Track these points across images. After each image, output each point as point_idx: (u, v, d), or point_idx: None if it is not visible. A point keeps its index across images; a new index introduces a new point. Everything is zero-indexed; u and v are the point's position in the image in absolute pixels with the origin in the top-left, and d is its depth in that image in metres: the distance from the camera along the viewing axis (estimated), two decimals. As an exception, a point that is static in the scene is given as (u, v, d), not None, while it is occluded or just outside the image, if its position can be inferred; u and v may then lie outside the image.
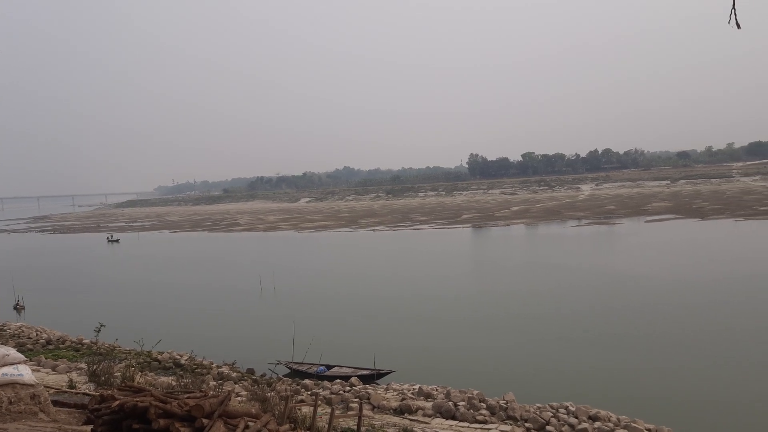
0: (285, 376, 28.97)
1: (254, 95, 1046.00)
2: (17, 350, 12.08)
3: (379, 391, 23.33)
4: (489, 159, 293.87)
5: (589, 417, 20.21)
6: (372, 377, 28.18)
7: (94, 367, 17.02)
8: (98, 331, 21.36)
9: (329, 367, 30.17)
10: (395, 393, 23.36)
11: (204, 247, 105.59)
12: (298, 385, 24.56)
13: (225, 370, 27.92)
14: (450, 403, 20.65)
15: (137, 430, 8.45)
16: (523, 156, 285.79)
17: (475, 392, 21.99)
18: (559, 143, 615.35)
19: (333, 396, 22.19)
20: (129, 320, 42.55)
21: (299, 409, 14.01)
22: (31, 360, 22.15)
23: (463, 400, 21.10)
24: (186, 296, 55.18)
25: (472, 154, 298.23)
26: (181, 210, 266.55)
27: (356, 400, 21.12)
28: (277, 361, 31.35)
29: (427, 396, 22.65)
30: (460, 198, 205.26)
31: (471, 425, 19.15)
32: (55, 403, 11.94)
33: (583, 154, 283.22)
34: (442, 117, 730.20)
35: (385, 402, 21.36)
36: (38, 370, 21.91)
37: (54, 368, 23.06)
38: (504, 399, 21.26)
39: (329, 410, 13.07)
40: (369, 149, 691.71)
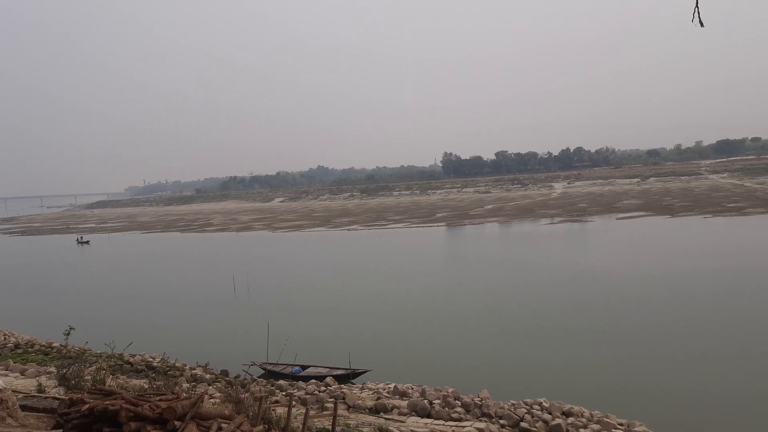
0: (259, 377, 28.80)
1: (228, 92, 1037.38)
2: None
3: (354, 391, 23.30)
4: (463, 158, 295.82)
5: (563, 413, 20.40)
6: (347, 377, 28.14)
7: (64, 371, 16.73)
8: (68, 334, 21.02)
9: (304, 367, 30.05)
10: (370, 392, 23.34)
11: (176, 248, 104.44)
12: (272, 385, 24.42)
13: (198, 371, 27.63)
14: (425, 401, 20.68)
15: (108, 434, 8.33)
16: (497, 155, 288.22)
17: (450, 390, 22.06)
18: (532, 142, 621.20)
19: (308, 396, 22.10)
20: (100, 323, 41.91)
21: (274, 410, 13.91)
22: (-2, 364, 21.73)
23: (438, 399, 21.15)
24: (158, 298, 54.50)
25: (446, 153, 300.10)
26: (153, 210, 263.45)
27: (331, 400, 21.07)
28: (252, 362, 31.13)
29: (403, 395, 22.68)
30: (435, 197, 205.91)
31: (446, 423, 19.20)
32: (24, 407, 11.72)
33: (555, 152, 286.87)
34: (416, 111, 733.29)
35: (360, 401, 21.33)
36: (6, 375, 21.51)
37: (22, 372, 22.64)
38: (479, 396, 21.37)
39: (304, 410, 13.00)
40: (343, 148, 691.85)
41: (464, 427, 18.67)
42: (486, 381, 25.15)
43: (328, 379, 25.56)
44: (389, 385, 24.27)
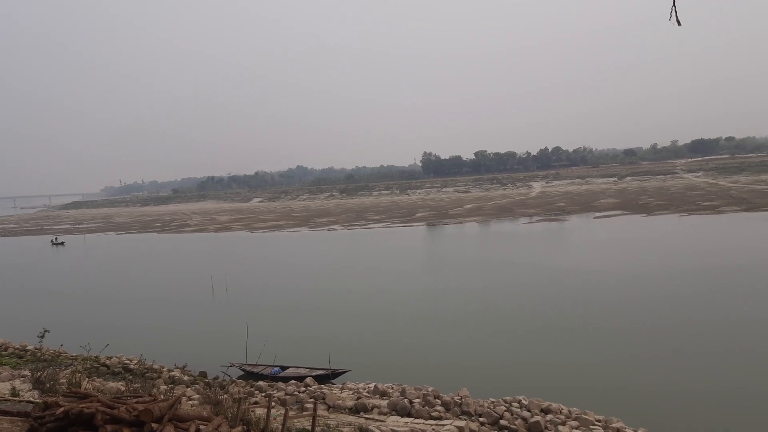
0: (238, 378, 28.61)
1: (206, 91, 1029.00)
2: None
3: (334, 391, 23.23)
4: (442, 157, 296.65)
5: (542, 410, 20.56)
6: (327, 377, 28.06)
7: (39, 374, 16.51)
8: (42, 337, 20.72)
9: (284, 368, 29.90)
10: (350, 392, 23.29)
11: (154, 249, 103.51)
12: (251, 387, 24.27)
13: (176, 373, 27.38)
14: (405, 400, 20.68)
15: (83, 437, 8.20)
16: (476, 154, 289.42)
17: (430, 389, 22.10)
18: (511, 142, 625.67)
19: (287, 397, 21.99)
20: (75, 325, 41.39)
21: (253, 411, 13.81)
22: (-29, 368, 21.33)
23: (418, 397, 21.17)
24: (135, 299, 53.91)
25: (425, 153, 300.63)
26: (129, 211, 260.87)
27: (311, 400, 20.97)
28: (230, 364, 30.92)
29: (383, 394, 22.66)
30: (414, 196, 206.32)
31: (426, 422, 19.21)
32: (-3, 411, 11.51)
33: (534, 152, 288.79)
34: (396, 111, 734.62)
35: (340, 401, 21.26)
36: (-21, 379, 21.10)
37: (-4, 376, 22.24)
38: (458, 395, 21.43)
39: (283, 411, 12.92)
40: (322, 148, 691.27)
41: (444, 425, 18.68)
42: (466, 379, 25.24)
43: (308, 380, 25.47)
44: (369, 385, 24.24)
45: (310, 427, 13.75)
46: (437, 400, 20.89)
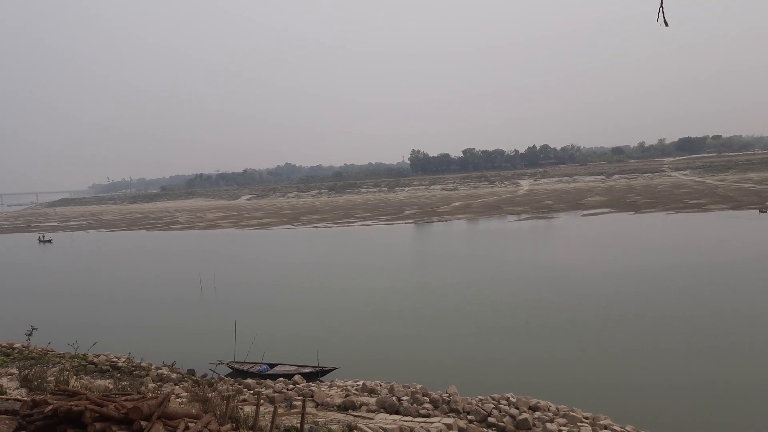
0: (227, 376, 28.60)
1: (194, 89, 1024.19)
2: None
3: (322, 389, 23.29)
4: (430, 155, 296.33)
5: (530, 407, 20.69)
6: (315, 374, 28.11)
7: (26, 372, 16.44)
8: (30, 335, 20.68)
9: (272, 365, 29.92)
10: (339, 390, 23.35)
11: (142, 247, 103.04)
12: (240, 384, 24.27)
13: (165, 371, 27.32)
14: (393, 397, 20.77)
15: (72, 435, 8.22)
16: (464, 152, 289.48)
17: (419, 386, 22.19)
18: (499, 139, 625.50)
19: (276, 395, 22.02)
20: (63, 323, 41.17)
21: (241, 409, 13.84)
22: (-43, 366, 21.20)
23: (406, 395, 21.26)
24: (123, 297, 53.68)
25: (413, 150, 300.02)
26: (117, 208, 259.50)
27: (300, 398, 21.00)
28: (219, 361, 30.90)
29: (371, 392, 22.73)
30: (403, 194, 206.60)
31: (414, 419, 19.30)
32: (-16, 410, 11.47)
33: (522, 150, 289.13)
34: (384, 108, 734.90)
35: (329, 399, 21.32)
36: (-35, 377, 20.99)
37: (-18, 374, 22.13)
38: (447, 392, 21.54)
39: (272, 409, 12.96)
40: (310, 146, 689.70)
41: (432, 422, 18.78)
42: (454, 377, 25.39)
43: (297, 377, 25.50)
44: (358, 383, 24.31)
45: (299, 425, 13.79)
46: (425, 398, 20.99)
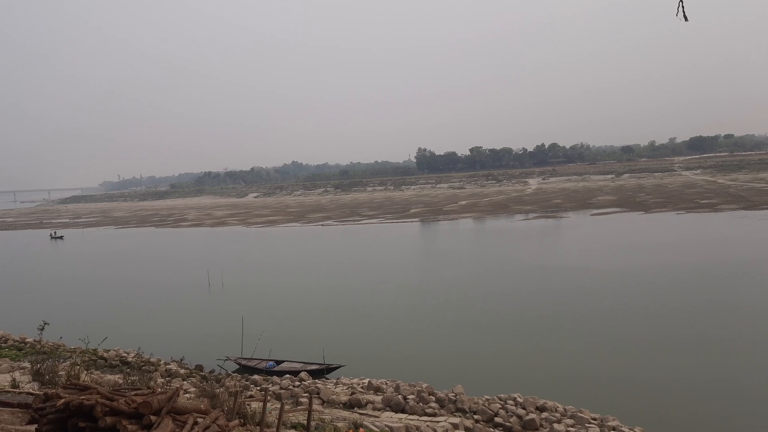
0: (234, 372, 28.81)
1: (200, 90, 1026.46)
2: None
3: (328, 386, 23.46)
4: (437, 153, 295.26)
5: (537, 408, 20.71)
6: (321, 372, 28.27)
7: (38, 366, 16.69)
8: (42, 330, 20.91)
9: (278, 362, 30.12)
10: (345, 387, 23.52)
11: (151, 243, 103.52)
12: (247, 380, 24.52)
13: (173, 367, 27.61)
14: (399, 396, 20.90)
15: (83, 429, 8.40)
16: (471, 150, 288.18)
17: (425, 385, 22.31)
18: (507, 137, 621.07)
19: (282, 391, 22.22)
20: (74, 318, 41.58)
21: (249, 405, 14.03)
22: (-30, 361, 21.52)
23: (412, 394, 21.38)
24: (132, 293, 54.03)
25: (420, 149, 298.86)
26: (127, 206, 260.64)
27: (306, 395, 21.19)
28: (226, 357, 31.13)
29: (377, 390, 22.87)
30: (409, 192, 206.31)
31: (420, 418, 19.42)
32: (-3, 403, 11.71)
33: (530, 148, 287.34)
34: (391, 105, 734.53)
35: (334, 396, 21.49)
36: (-22, 371, 21.29)
37: (-5, 368, 22.44)
38: (453, 392, 21.62)
39: (279, 405, 13.13)
40: (317, 144, 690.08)
41: (438, 422, 18.90)
42: (460, 376, 25.42)
43: (303, 374, 25.70)
44: (363, 380, 24.47)
45: (305, 422, 13.97)
46: (431, 397, 21.10)
